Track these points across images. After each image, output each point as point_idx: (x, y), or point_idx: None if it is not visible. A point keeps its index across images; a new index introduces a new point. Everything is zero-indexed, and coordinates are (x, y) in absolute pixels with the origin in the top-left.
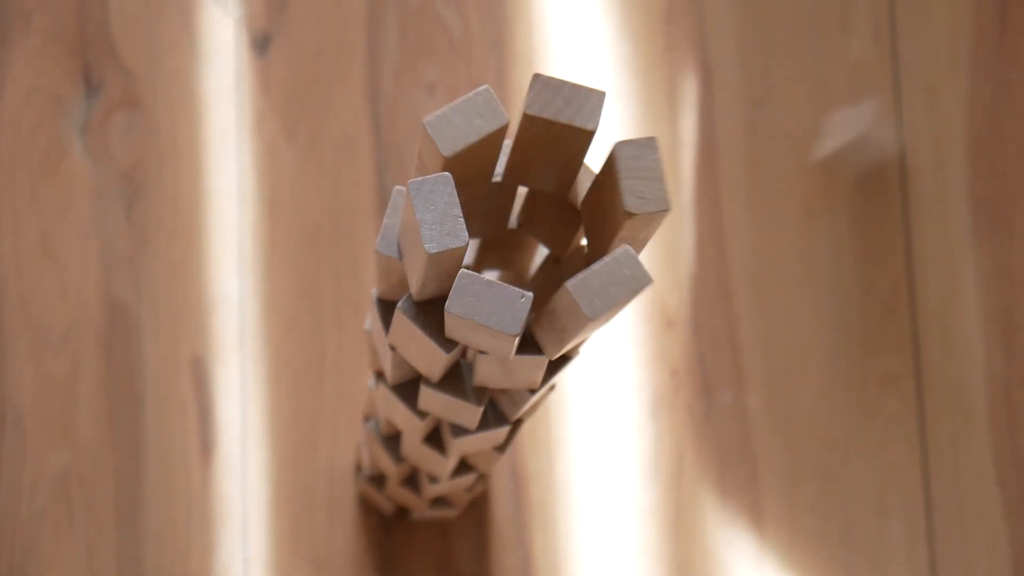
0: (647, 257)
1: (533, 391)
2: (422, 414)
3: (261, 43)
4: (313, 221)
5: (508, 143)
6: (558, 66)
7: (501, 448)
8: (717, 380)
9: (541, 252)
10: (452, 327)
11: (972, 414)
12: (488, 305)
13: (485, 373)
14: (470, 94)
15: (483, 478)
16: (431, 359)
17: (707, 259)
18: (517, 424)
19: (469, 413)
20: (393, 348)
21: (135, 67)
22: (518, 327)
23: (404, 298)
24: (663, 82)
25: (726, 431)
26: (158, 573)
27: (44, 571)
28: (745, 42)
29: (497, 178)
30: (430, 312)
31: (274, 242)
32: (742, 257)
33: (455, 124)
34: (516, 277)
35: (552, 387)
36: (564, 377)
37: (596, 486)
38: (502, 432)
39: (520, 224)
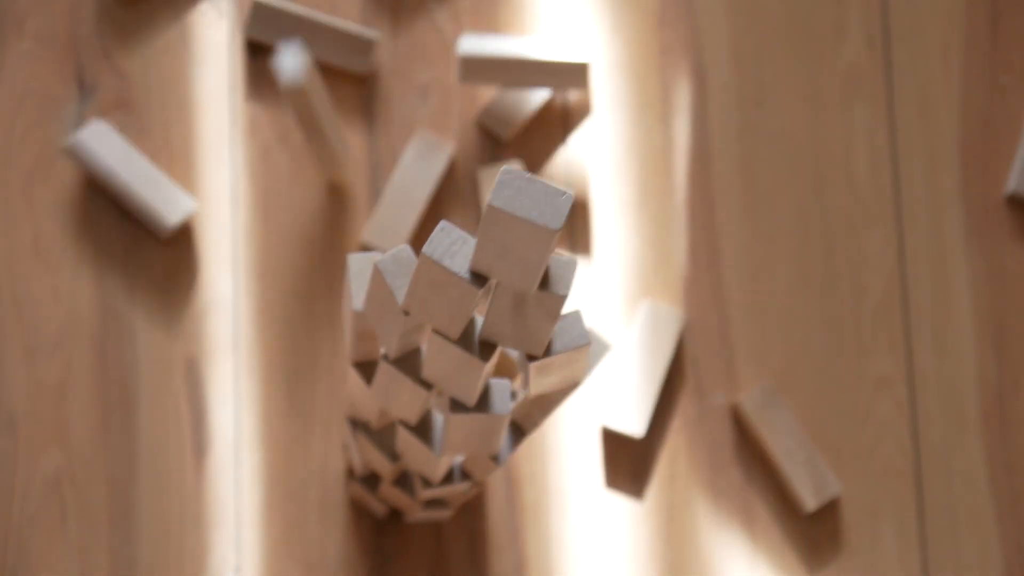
0: (642, 257)
1: (534, 358)
2: (427, 385)
3: (254, 45)
4: (306, 224)
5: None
6: None
7: (498, 458)
8: (710, 383)
9: None
10: (488, 233)
11: (964, 418)
12: (530, 200)
13: (496, 319)
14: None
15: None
16: (457, 304)
17: (700, 262)
18: (520, 435)
19: (475, 370)
20: (407, 312)
21: (128, 70)
22: (560, 222)
23: (427, 243)
24: (656, 86)
25: (719, 434)
26: (151, 575)
27: (36, 573)
28: (738, 46)
29: None
30: (456, 253)
31: (268, 245)
32: (735, 260)
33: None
34: None
35: (574, 389)
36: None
37: (589, 488)
38: (500, 420)
39: None
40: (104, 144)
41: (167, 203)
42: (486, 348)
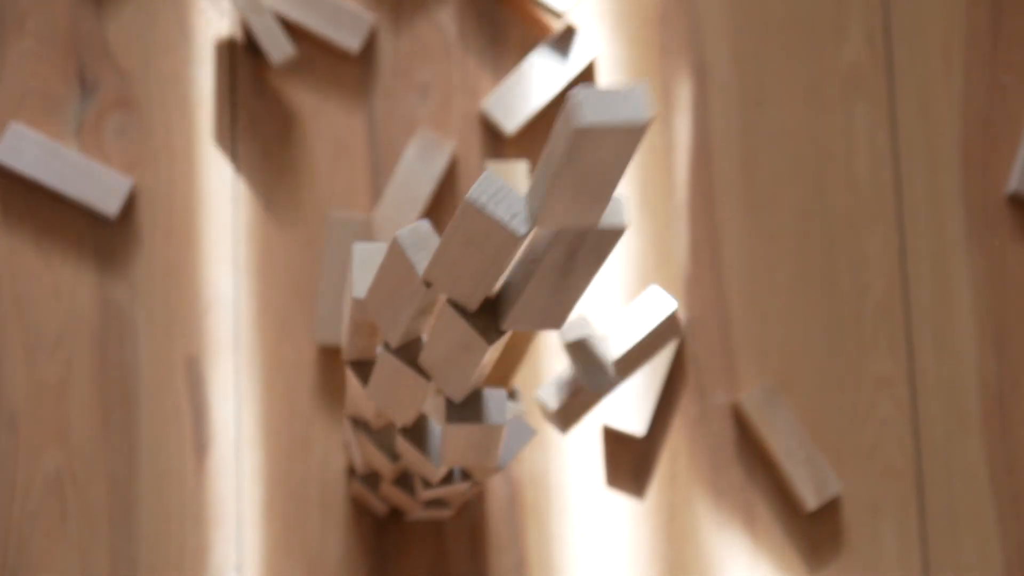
0: (643, 256)
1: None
2: (427, 375)
3: (255, 45)
4: (307, 222)
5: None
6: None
7: (499, 464)
8: (711, 382)
9: None
10: (568, 168)
11: (965, 417)
12: (610, 106)
13: (553, 263)
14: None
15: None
16: (491, 262)
17: (701, 261)
18: (530, 432)
19: (477, 352)
20: (429, 284)
21: (129, 68)
22: (646, 114)
23: (472, 189)
24: (658, 84)
25: (720, 433)
26: (151, 574)
27: (37, 572)
28: (739, 45)
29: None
30: (500, 201)
31: (268, 243)
32: (736, 259)
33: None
34: None
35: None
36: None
37: (590, 487)
38: (497, 431)
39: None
40: (24, 150)
41: (104, 190)
42: (497, 332)
